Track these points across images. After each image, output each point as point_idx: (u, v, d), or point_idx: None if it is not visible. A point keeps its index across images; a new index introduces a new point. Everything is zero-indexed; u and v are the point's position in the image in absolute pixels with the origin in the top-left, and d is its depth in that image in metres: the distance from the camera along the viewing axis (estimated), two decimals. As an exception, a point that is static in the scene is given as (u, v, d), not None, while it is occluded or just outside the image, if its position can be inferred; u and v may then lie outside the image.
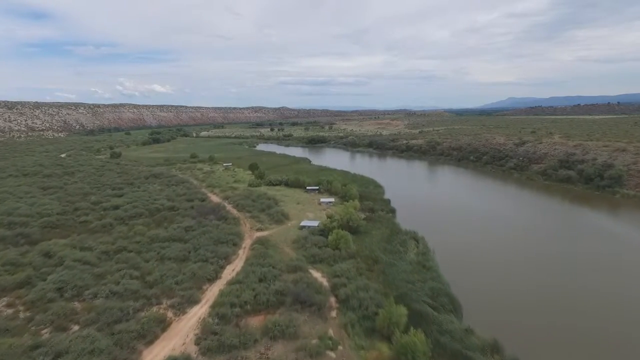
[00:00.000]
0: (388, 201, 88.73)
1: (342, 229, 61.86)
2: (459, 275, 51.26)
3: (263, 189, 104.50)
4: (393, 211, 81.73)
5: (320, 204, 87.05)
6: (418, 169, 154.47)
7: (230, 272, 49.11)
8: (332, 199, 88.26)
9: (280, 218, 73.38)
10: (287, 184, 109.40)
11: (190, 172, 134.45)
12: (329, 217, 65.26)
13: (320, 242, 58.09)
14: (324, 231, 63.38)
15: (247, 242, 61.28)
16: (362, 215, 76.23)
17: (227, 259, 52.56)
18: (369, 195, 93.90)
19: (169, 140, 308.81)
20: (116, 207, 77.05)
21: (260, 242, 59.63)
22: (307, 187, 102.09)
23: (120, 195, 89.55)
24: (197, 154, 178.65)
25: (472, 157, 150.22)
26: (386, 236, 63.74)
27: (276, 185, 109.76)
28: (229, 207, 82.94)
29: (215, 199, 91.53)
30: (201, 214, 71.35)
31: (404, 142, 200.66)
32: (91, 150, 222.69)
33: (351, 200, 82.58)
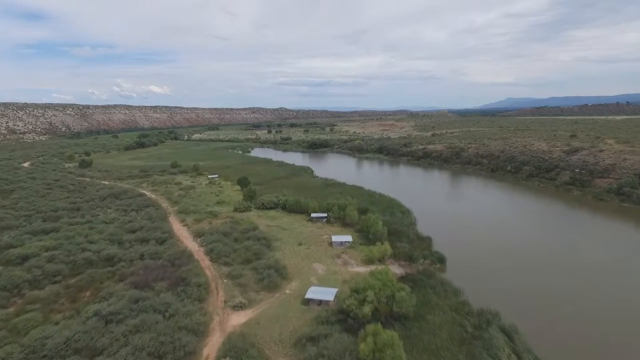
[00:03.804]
0: (429, 240, 61.90)
1: (378, 316, 35.95)
2: None
3: (253, 215, 78.64)
4: (442, 260, 54.96)
5: (332, 244, 60.68)
6: (444, 181, 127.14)
7: None
8: (348, 238, 61.73)
9: (274, 279, 46.98)
10: (285, 208, 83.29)
11: (165, 188, 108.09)
12: (355, 290, 38.72)
13: (343, 351, 31.73)
14: (346, 315, 37.24)
15: (213, 342, 34.85)
16: (399, 271, 49.94)
17: (162, 411, 26.12)
18: (399, 228, 67.03)
19: (155, 144, 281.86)
20: (24, 259, 50.61)
21: (236, 345, 33.16)
22: (312, 215, 75.76)
23: (48, 232, 63.19)
24: (180, 163, 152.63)
25: (509, 167, 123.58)
26: (451, 327, 37.32)
27: (271, 209, 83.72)
28: (198, 253, 56.47)
29: (183, 235, 65.05)
30: (148, 277, 44.74)
31: (420, 147, 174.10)
32: (63, 157, 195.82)
33: (378, 243, 56.56)
